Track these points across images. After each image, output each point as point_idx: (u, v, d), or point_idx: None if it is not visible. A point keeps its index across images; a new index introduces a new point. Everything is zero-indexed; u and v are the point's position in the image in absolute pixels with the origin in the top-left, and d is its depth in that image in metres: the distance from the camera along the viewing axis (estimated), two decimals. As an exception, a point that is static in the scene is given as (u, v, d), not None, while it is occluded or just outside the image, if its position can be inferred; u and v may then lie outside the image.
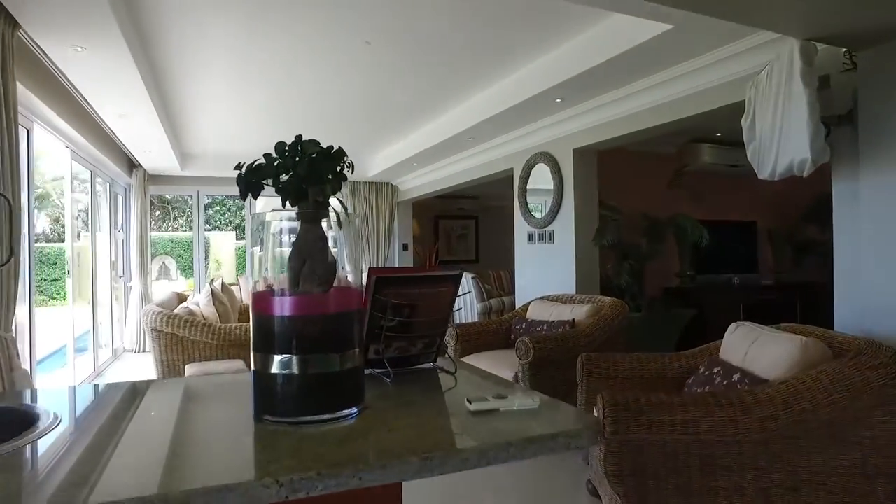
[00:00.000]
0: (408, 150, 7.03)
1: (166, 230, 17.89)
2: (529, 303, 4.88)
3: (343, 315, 1.20)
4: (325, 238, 1.20)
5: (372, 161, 8.47)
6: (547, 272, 5.48)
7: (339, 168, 1.28)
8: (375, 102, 5.69)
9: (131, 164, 7.44)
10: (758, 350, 2.60)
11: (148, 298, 7.51)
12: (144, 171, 7.62)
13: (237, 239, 18.01)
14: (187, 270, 16.97)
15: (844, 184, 2.90)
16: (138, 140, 6.38)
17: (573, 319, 4.22)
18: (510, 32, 3.83)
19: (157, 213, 17.79)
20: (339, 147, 1.31)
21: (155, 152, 6.82)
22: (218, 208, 17.91)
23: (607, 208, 5.36)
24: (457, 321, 7.80)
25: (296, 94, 5.43)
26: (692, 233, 5.19)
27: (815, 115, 2.48)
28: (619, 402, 2.14)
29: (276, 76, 4.74)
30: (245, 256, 16.54)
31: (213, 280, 6.23)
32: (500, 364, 4.01)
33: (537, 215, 5.58)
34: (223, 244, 17.55)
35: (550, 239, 5.41)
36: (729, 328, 2.98)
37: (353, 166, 1.33)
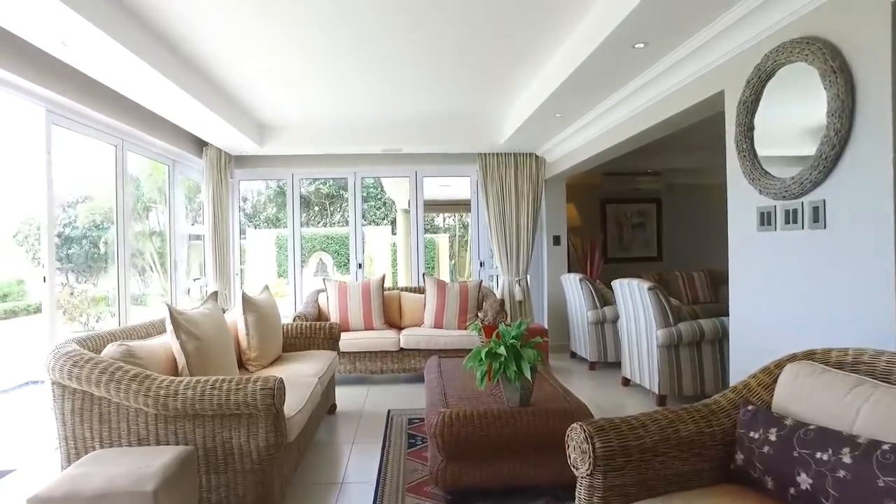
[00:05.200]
0: (544, 89, 4.42)
1: (324, 225, 17.11)
2: (781, 366, 2.02)
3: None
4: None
5: (503, 121, 5.96)
6: (808, 291, 2.54)
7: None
8: (484, 25, 3.39)
9: (198, 143, 5.82)
10: None
11: (226, 305, 5.85)
12: (220, 151, 5.97)
13: (392, 234, 16.70)
14: (343, 267, 16.06)
15: None
16: (184, 116, 4.69)
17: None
18: None
19: (316, 208, 17.11)
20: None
21: (216, 129, 5.09)
22: (373, 202, 16.70)
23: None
24: (627, 365, 5.01)
25: (387, 45, 3.88)
26: None
27: None
28: None
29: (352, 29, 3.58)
30: (398, 251, 15.08)
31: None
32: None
33: (781, 173, 2.66)
34: (377, 240, 16.30)
35: (815, 220, 2.46)
36: None
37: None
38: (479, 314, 3.45)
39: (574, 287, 5.92)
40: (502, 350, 2.66)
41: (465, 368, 2.87)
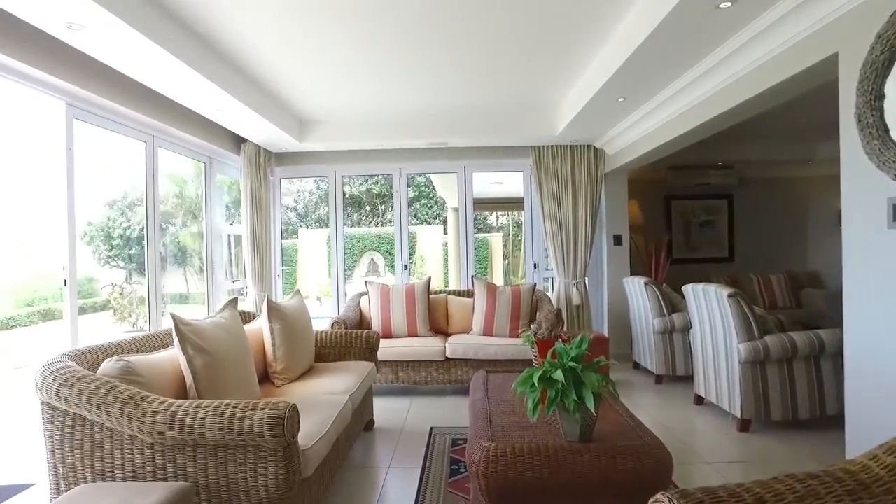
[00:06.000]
0: (605, 68, 3.86)
1: (376, 225, 16.88)
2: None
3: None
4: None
5: (558, 109, 5.41)
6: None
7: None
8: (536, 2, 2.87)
9: (236, 139, 5.53)
10: None
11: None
12: (259, 148, 5.67)
13: (444, 234, 16.30)
14: (394, 267, 15.79)
15: None
16: (218, 111, 4.37)
17: None
18: None
19: (368, 207, 16.91)
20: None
21: (252, 124, 4.78)
22: (425, 201, 16.35)
23: None
24: (701, 382, 4.38)
25: (430, 32, 3.54)
26: None
27: None
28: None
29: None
30: (449, 251, 14.68)
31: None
32: None
33: (924, 153, 2.03)
34: (429, 240, 15.94)
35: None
36: None
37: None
38: (532, 325, 2.93)
39: (638, 291, 5.30)
40: (559, 375, 2.15)
41: (515, 394, 2.37)
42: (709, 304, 4.04)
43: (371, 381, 3.77)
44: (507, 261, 16.66)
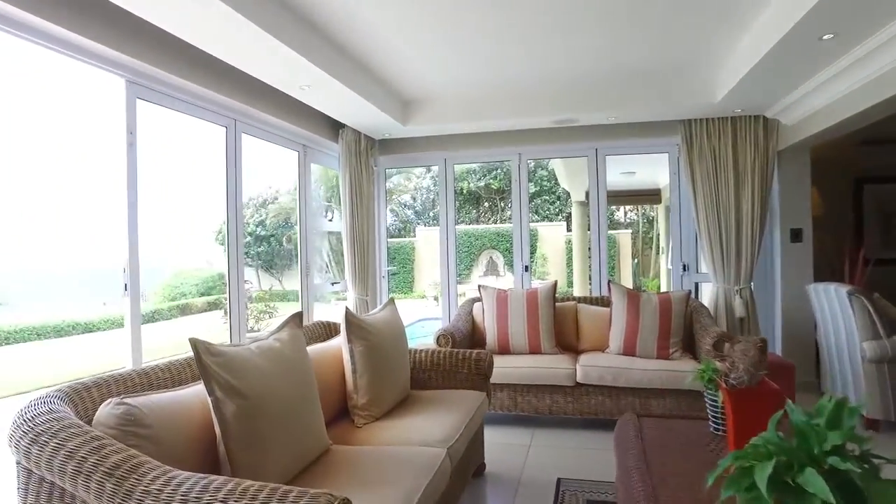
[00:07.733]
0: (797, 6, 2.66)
1: (494, 222, 16.01)
2: None
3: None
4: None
5: (719, 68, 4.17)
6: None
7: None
8: None
9: (333, 125, 4.89)
10: None
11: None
12: (360, 134, 4.99)
13: (567, 231, 15.06)
14: (513, 266, 14.87)
15: None
16: (306, 91, 3.72)
17: None
18: None
19: (486, 204, 16.07)
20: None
21: (350, 106, 4.11)
22: (546, 197, 15.20)
23: None
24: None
25: None
26: None
27: None
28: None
29: None
30: (573, 250, 13.47)
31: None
32: None
33: None
34: (551, 237, 14.81)
35: None
36: None
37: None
38: (718, 362, 1.87)
39: (835, 303, 3.93)
40: (818, 484, 1.12)
41: (720, 498, 1.36)
42: (977, 327, 2.68)
43: (482, 417, 2.89)
44: (636, 260, 15.08)
